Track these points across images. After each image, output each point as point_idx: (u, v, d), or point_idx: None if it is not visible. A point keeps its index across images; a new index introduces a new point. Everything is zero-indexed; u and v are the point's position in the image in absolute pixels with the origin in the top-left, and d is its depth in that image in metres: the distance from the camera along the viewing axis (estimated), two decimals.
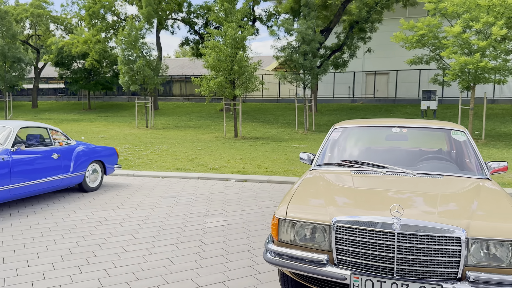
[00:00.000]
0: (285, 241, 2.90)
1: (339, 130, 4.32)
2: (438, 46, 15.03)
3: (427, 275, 2.50)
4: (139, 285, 3.55)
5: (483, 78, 13.73)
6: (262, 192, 7.35)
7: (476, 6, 13.58)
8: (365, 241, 2.62)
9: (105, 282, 3.62)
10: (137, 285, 3.55)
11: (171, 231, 5.11)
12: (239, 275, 3.78)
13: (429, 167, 3.76)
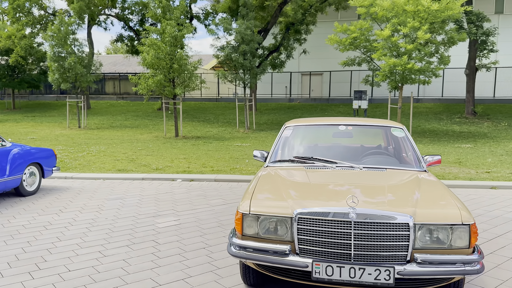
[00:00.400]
0: (249, 234, 3.02)
1: (290, 128, 4.52)
2: (369, 48, 15.94)
3: (381, 259, 2.76)
4: (98, 287, 3.50)
5: (410, 79, 14.79)
6: (210, 191, 7.41)
7: (403, 12, 14.60)
8: (325, 230, 2.82)
9: (61, 286, 3.51)
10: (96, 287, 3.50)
11: (122, 232, 5.02)
12: (199, 272, 3.85)
13: (372, 161, 4.08)
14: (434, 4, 13.95)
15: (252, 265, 3.08)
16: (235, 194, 7.12)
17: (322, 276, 2.77)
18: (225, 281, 3.65)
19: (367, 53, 16.45)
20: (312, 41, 26.10)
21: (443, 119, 20.34)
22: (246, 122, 19.23)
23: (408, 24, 14.22)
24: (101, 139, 16.13)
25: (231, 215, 5.81)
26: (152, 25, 24.98)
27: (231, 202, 6.55)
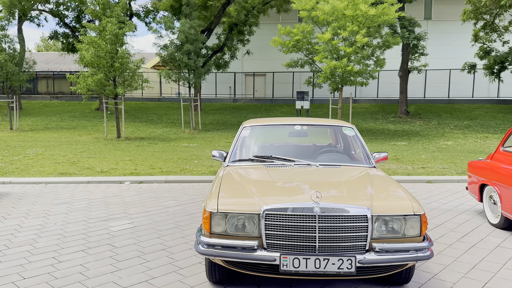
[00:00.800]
0: (217, 232, 3.09)
1: (248, 128, 4.64)
2: (311, 51, 16.48)
3: (343, 249, 2.95)
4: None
5: (349, 81, 15.50)
6: (162, 193, 7.34)
7: (343, 16, 15.26)
8: (291, 225, 2.96)
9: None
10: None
11: (75, 237, 4.86)
12: (162, 273, 3.85)
13: (327, 159, 4.30)
14: (371, 9, 14.72)
15: (221, 262, 3.15)
16: (188, 195, 7.11)
17: (289, 269, 2.91)
18: (190, 280, 3.69)
19: (309, 55, 16.99)
20: (255, 42, 26.44)
21: (379, 118, 21.49)
22: (191, 123, 19.10)
23: (347, 28, 14.89)
24: (36, 141, 15.27)
25: (186, 216, 5.81)
26: (90, 21, 23.99)
27: (185, 203, 6.55)
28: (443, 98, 25.64)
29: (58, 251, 4.40)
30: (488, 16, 21.58)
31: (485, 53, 22.46)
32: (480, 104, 23.92)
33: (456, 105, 23.75)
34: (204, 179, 8.30)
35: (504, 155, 5.15)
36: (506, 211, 4.87)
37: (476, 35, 22.78)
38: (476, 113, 21.60)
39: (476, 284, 3.59)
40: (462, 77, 25.45)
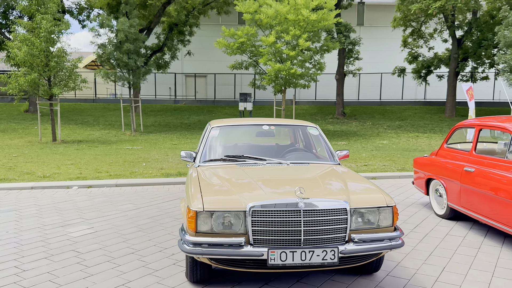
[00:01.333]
0: (203, 231, 3.12)
1: (216, 129, 4.68)
2: (255, 53, 16.74)
3: (325, 241, 3.12)
4: None
5: (292, 83, 15.96)
6: (115, 197, 7.12)
7: (285, 20, 15.68)
8: (277, 220, 3.07)
9: None
10: None
11: (34, 245, 4.61)
12: (137, 276, 3.78)
13: (294, 157, 4.47)
14: (312, 14, 15.27)
15: (207, 260, 3.18)
16: (144, 198, 6.96)
17: (277, 262, 3.02)
18: (168, 281, 3.67)
19: (253, 57, 17.24)
20: (196, 43, 26.26)
21: (318, 119, 22.29)
22: (132, 125, 18.57)
23: (290, 32, 15.33)
24: None
25: (148, 219, 5.71)
26: (20, 18, 22.44)
27: (143, 207, 6.41)
28: (375, 100, 27.16)
29: (19, 259, 4.15)
30: (415, 23, 23.25)
31: (413, 58, 24.18)
32: (409, 105, 25.65)
33: (388, 107, 25.27)
34: (157, 182, 8.16)
35: (448, 152, 5.65)
36: (452, 202, 5.35)
37: (405, 41, 24.46)
38: (406, 114, 23.14)
39: (436, 268, 3.93)
40: (393, 80, 27.15)
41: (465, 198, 5.04)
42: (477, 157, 4.96)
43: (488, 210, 4.61)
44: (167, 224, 5.45)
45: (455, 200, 5.26)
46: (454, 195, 5.26)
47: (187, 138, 16.90)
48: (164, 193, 7.37)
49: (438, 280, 3.66)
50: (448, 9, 18.28)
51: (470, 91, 12.63)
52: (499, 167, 4.53)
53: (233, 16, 28.82)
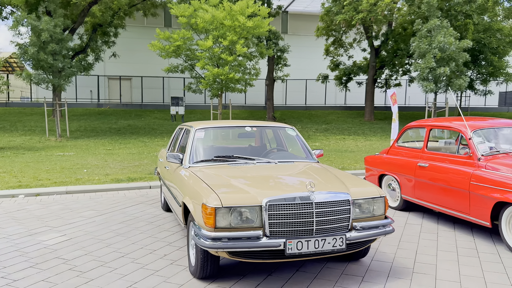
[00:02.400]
0: (221, 226, 3.28)
1: (202, 131, 4.80)
2: (192, 57, 16.75)
3: (333, 230, 3.44)
4: None
5: (230, 88, 16.24)
6: (71, 204, 6.80)
7: (221, 25, 15.92)
8: (292, 213, 3.33)
9: None
10: None
11: (11, 255, 4.34)
12: (140, 277, 3.79)
13: (278, 156, 4.76)
14: (249, 21, 15.71)
15: (225, 254, 3.32)
16: (102, 204, 6.75)
17: (293, 251, 3.28)
18: (175, 279, 3.73)
19: (189, 61, 17.22)
20: (120, 44, 25.40)
21: None
22: (57, 130, 17.47)
23: (227, 37, 15.60)
24: None
25: (120, 224, 5.60)
26: None
27: (107, 212, 6.24)
28: (301, 105, 28.44)
29: (3, 270, 3.90)
30: (337, 33, 24.83)
31: (335, 66, 25.78)
32: (331, 110, 27.25)
33: (313, 111, 26.62)
34: (111, 188, 7.91)
35: (400, 150, 6.33)
36: (406, 195, 6.00)
37: (327, 49, 25.98)
38: (330, 118, 24.58)
39: (410, 252, 4.46)
40: (316, 86, 28.65)
41: (419, 190, 5.70)
42: (429, 154, 5.65)
43: (441, 199, 5.28)
44: (143, 228, 5.41)
45: (409, 193, 5.92)
46: (408, 188, 5.91)
47: (120, 143, 16.35)
48: (121, 198, 7.20)
49: (416, 261, 4.17)
50: (369, 21, 19.85)
51: (393, 97, 13.90)
52: (451, 161, 5.23)
53: (160, 19, 28.39)
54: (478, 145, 4.94)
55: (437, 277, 3.79)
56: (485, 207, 4.56)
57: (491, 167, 4.67)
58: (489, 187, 4.52)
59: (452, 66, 17.07)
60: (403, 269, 3.98)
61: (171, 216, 5.95)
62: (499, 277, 3.79)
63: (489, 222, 4.56)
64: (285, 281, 3.67)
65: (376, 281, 3.70)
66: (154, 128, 20.73)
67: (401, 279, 3.75)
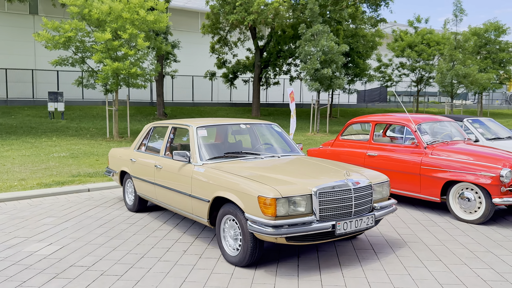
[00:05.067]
0: (281, 215, 3.62)
1: (203, 129, 4.93)
2: (84, 49, 15.62)
3: (363, 211, 4.05)
4: None
5: (131, 83, 15.65)
6: (17, 212, 6.12)
7: (120, 18, 15.22)
8: (336, 199, 3.84)
9: None
10: None
11: (16, 269, 3.91)
12: (185, 273, 3.86)
13: (275, 151, 5.18)
14: (149, 15, 15.33)
15: (283, 240, 3.66)
16: (54, 210, 6.21)
17: (341, 231, 3.80)
18: (219, 269, 3.91)
19: (79, 53, 16.02)
20: None
21: (142, 120, 22.12)
22: None
23: (127, 30, 14.99)
24: None
25: (100, 227, 5.34)
26: None
27: (71, 218, 5.82)
28: (188, 101, 28.48)
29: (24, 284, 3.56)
30: (222, 32, 25.55)
31: (222, 63, 26.51)
32: (219, 106, 27.95)
33: (201, 108, 26.94)
34: (46, 193, 7.19)
35: (345, 142, 7.26)
36: None
37: (213, 47, 26.53)
38: (220, 114, 25.25)
39: (387, 227, 5.33)
40: (203, 83, 29.01)
41: None
42: (377, 145, 6.67)
43: (392, 183, 6.33)
44: (131, 229, 5.27)
45: None
46: None
47: (1, 144, 14.45)
48: (65, 203, 6.66)
49: (399, 234, 5.05)
50: (258, 22, 20.99)
51: (291, 95, 15.20)
52: (399, 151, 6.30)
53: (26, 6, 25.44)
54: (422, 136, 6.09)
55: (425, 242, 4.71)
56: (436, 187, 5.70)
57: (437, 154, 5.84)
58: (439, 170, 5.67)
59: (333, 68, 19.24)
60: (396, 240, 4.81)
61: (148, 216, 5.85)
62: (465, 237, 4.88)
63: (439, 198, 5.71)
64: (318, 260, 4.16)
65: (386, 250, 4.44)
66: (33, 127, 18.64)
67: (403, 247, 4.56)
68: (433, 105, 34.59)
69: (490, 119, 8.66)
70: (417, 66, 27.67)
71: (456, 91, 21.08)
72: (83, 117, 21.07)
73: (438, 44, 26.45)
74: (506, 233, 5.05)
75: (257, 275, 3.81)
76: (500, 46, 26.13)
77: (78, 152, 12.19)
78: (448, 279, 3.73)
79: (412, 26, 28.29)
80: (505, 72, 26.76)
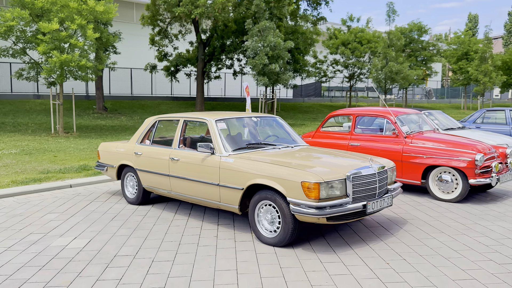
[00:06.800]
0: (323, 197, 4.05)
1: (221, 122, 5.18)
2: (27, 40, 14.69)
3: (382, 193, 4.61)
4: None
5: (79, 76, 15.02)
6: (9, 210, 5.88)
7: (65, 7, 14.51)
8: (365, 182, 4.35)
9: None
10: None
11: (58, 263, 3.91)
12: (232, 255, 4.13)
13: (286, 141, 5.59)
14: (98, 5, 14.79)
15: (324, 220, 4.08)
16: (51, 206, 6.08)
17: (370, 210, 4.32)
18: (259, 249, 4.23)
19: (22, 44, 15.03)
20: None
21: (81, 114, 21.15)
22: None
23: (76, 21, 14.36)
24: None
25: (114, 221, 5.37)
26: None
27: (74, 212, 5.75)
28: (127, 95, 27.64)
29: (82, 274, 3.62)
30: (162, 23, 25.13)
31: (163, 56, 26.08)
32: (160, 100, 27.47)
33: (142, 101, 26.31)
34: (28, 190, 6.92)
35: (326, 133, 7.84)
36: None
37: (153, 39, 25.98)
38: (164, 108, 24.89)
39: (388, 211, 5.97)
40: (143, 75, 28.28)
41: None
42: (358, 135, 7.33)
43: None
44: (147, 220, 5.36)
45: None
46: None
47: None
48: (53, 199, 6.50)
49: (396, 214, 5.71)
50: (207, 16, 21.02)
51: (247, 89, 15.62)
52: (380, 141, 7.00)
53: None
54: (402, 127, 6.84)
55: (421, 219, 5.41)
56: (417, 171, 6.47)
57: (416, 142, 6.62)
58: (419, 156, 6.45)
59: (280, 63, 19.94)
60: (397, 218, 5.46)
61: (154, 208, 5.95)
62: (450, 214, 5.66)
63: (419, 181, 6.49)
64: (342, 237, 4.65)
65: (393, 227, 5.06)
66: None
67: (405, 223, 5.21)
68: (362, 99, 36.96)
69: (440, 111, 9.78)
70: (349, 63, 29.46)
71: (389, 87, 22.87)
72: (16, 112, 19.73)
73: (369, 42, 28.36)
74: (481, 208, 5.94)
75: (298, 253, 4.20)
76: (422, 45, 28.71)
77: (29, 149, 11.58)
78: (459, 246, 4.42)
79: (345, 24, 30.01)
80: (426, 69, 29.47)
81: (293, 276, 3.68)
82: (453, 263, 3.98)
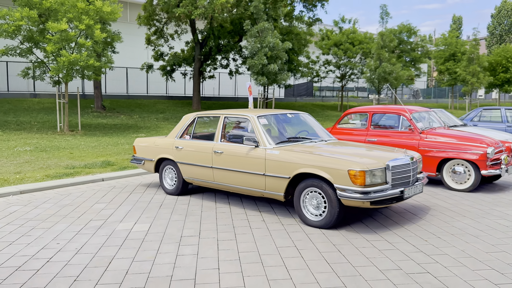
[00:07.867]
0: (368, 184, 4.57)
1: (262, 117, 5.67)
2: (35, 40, 14.89)
3: (414, 181, 5.15)
4: None
5: (87, 75, 15.27)
6: (59, 201, 6.25)
7: (74, 8, 14.76)
8: (402, 170, 4.89)
9: None
10: None
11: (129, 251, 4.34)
12: (285, 235, 4.61)
13: (319, 135, 6.09)
14: (105, 6, 15.08)
15: (368, 204, 4.59)
16: (96, 197, 6.46)
17: (407, 195, 4.86)
18: (308, 231, 4.73)
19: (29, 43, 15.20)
20: None
21: (80, 113, 21.31)
22: None
23: (84, 21, 14.63)
24: None
25: (164, 209, 5.79)
26: None
27: (122, 202, 6.15)
28: (123, 94, 27.79)
29: (160, 250, 4.05)
30: (159, 23, 25.40)
31: (159, 56, 26.34)
32: (155, 99, 27.72)
33: (138, 100, 26.52)
34: (66, 183, 7.27)
35: (342, 130, 8.38)
36: None
37: (148, 39, 26.23)
38: (161, 107, 25.17)
39: None
40: (138, 75, 28.46)
41: None
42: (375, 131, 7.89)
43: None
44: (193, 208, 5.80)
45: None
46: None
47: None
48: (93, 191, 6.89)
49: (417, 201, 6.27)
50: (207, 17, 21.40)
51: (249, 89, 16.10)
52: (397, 136, 7.57)
53: None
54: (417, 124, 7.42)
55: (442, 206, 5.98)
56: (432, 164, 7.06)
57: (430, 137, 7.20)
58: (434, 150, 7.03)
59: (279, 64, 20.47)
60: (420, 205, 6.01)
61: (194, 198, 6.38)
62: (466, 201, 6.24)
63: (435, 173, 7.08)
64: (377, 221, 5.17)
65: (420, 212, 5.61)
66: None
67: (430, 209, 5.77)
68: (352, 99, 37.79)
69: (442, 110, 10.43)
70: (341, 64, 30.19)
71: (382, 87, 23.63)
72: (16, 111, 19.84)
73: (361, 43, 29.12)
74: (493, 196, 6.56)
75: (344, 233, 4.72)
76: (411, 46, 29.61)
77: (41, 146, 11.85)
78: (483, 227, 4.99)
79: (337, 26, 30.72)
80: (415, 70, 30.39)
81: (347, 250, 4.19)
82: (482, 239, 4.55)
